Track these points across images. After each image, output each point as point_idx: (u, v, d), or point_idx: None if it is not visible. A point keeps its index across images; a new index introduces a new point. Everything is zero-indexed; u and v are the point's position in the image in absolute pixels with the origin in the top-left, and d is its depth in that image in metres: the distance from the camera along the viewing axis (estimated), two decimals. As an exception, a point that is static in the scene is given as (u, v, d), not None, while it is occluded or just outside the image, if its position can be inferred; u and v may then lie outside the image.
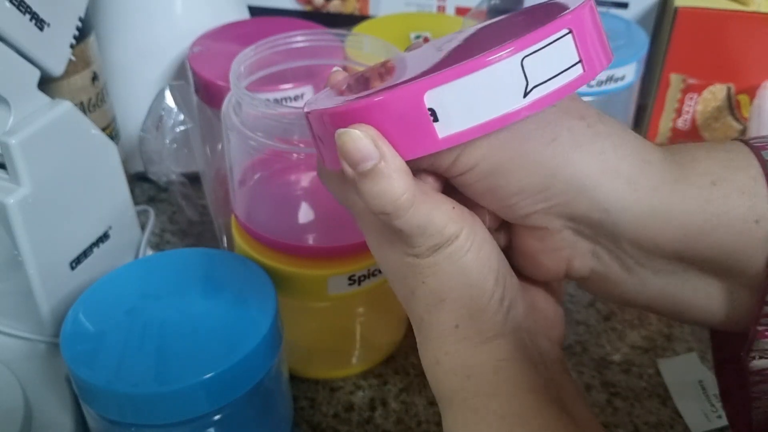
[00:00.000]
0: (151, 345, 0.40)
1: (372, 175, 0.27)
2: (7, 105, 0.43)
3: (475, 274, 0.29)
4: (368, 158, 0.27)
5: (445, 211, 0.29)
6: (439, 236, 0.28)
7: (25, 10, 0.42)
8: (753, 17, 0.64)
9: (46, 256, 0.46)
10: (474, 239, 0.29)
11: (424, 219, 0.28)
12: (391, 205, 0.27)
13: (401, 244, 0.29)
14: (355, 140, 0.27)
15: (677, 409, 0.51)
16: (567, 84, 0.27)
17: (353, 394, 0.52)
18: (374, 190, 0.27)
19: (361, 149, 0.27)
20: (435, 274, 0.29)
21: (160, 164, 0.60)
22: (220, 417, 0.40)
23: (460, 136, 0.26)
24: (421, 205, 0.28)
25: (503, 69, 0.26)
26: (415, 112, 0.26)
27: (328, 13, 0.79)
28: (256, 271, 0.45)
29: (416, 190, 0.28)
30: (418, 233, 0.28)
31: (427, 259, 0.29)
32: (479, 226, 0.30)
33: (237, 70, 0.46)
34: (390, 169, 0.27)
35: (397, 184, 0.27)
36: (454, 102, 0.26)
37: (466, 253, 0.29)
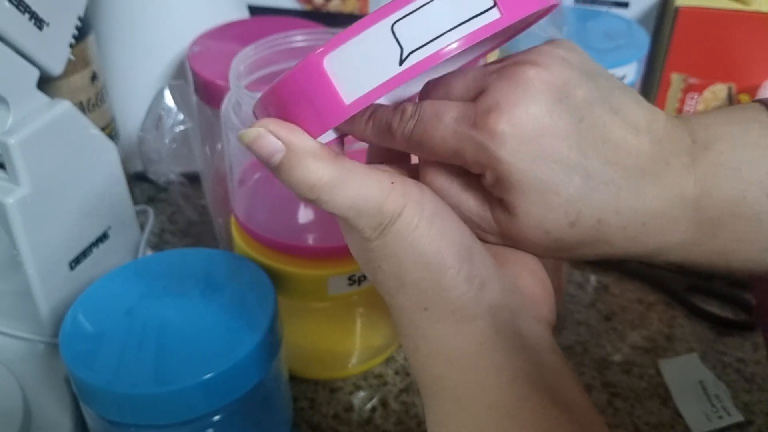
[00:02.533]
0: (151, 345, 0.40)
1: (283, 167, 0.27)
2: (7, 105, 0.43)
3: (430, 251, 0.28)
4: (273, 152, 0.26)
5: (380, 187, 0.27)
6: (379, 215, 0.27)
7: (24, 9, 0.42)
8: (754, 17, 0.64)
9: (45, 256, 0.46)
10: (422, 213, 0.28)
11: (355, 199, 0.27)
12: (311, 191, 0.27)
13: (351, 228, 0.28)
14: (255, 139, 0.27)
15: (678, 409, 0.51)
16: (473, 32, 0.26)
17: (353, 394, 0.52)
18: (291, 180, 0.27)
19: (264, 146, 0.27)
20: (387, 257, 0.28)
21: (160, 164, 0.60)
22: (220, 417, 0.40)
23: (367, 97, 0.26)
24: (347, 185, 0.27)
25: (375, 36, 0.25)
26: (317, 82, 0.26)
27: (327, 13, 0.79)
28: (256, 271, 0.44)
29: (339, 170, 0.27)
30: (354, 215, 0.27)
31: (375, 242, 0.28)
32: (428, 198, 0.28)
33: (237, 69, 0.46)
34: (298, 158, 0.26)
35: (309, 168, 0.26)
36: (351, 65, 0.25)
37: (414, 230, 0.27)
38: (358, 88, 0.26)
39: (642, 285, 0.61)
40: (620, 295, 0.61)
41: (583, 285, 0.62)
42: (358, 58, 0.25)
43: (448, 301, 0.28)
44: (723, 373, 0.53)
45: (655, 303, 0.60)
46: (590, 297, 0.60)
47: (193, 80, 0.60)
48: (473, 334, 0.28)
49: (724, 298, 0.59)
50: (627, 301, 0.60)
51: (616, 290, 0.61)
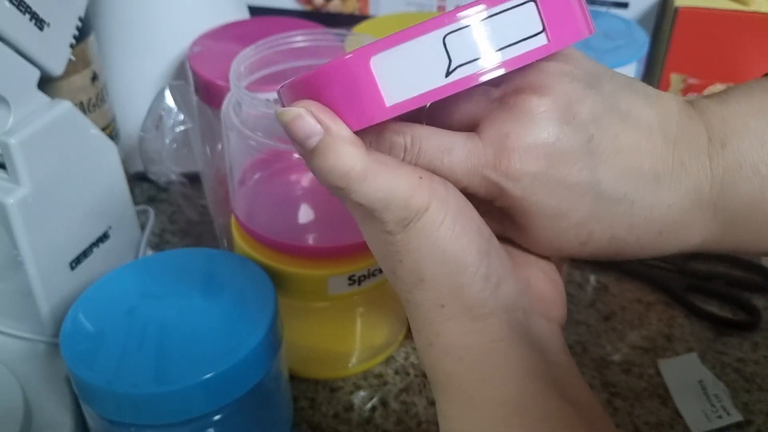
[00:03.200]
0: (151, 345, 0.40)
1: (318, 151, 0.26)
2: (7, 105, 0.43)
3: (452, 249, 0.27)
4: (311, 134, 0.26)
5: (408, 181, 0.27)
6: (406, 209, 0.27)
7: (24, 9, 0.42)
8: (753, 17, 0.64)
9: (45, 256, 0.46)
10: (447, 211, 0.27)
11: (384, 191, 0.27)
12: (342, 179, 0.26)
13: (373, 220, 0.28)
14: (294, 118, 0.26)
15: (677, 409, 0.51)
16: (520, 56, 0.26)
17: (353, 394, 0.52)
18: (323, 166, 0.26)
19: (302, 126, 0.26)
20: (409, 252, 0.28)
21: (160, 164, 0.60)
22: (220, 417, 0.40)
23: (408, 103, 0.26)
24: (378, 176, 0.26)
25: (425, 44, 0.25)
26: (361, 79, 0.25)
27: (328, 13, 0.79)
28: (256, 271, 0.45)
29: (372, 161, 0.26)
30: (381, 207, 0.27)
31: (398, 235, 0.28)
32: (453, 195, 0.28)
33: (237, 69, 0.46)
34: (336, 143, 0.26)
35: (345, 157, 0.26)
36: (397, 69, 0.25)
37: (439, 227, 0.27)
38: (400, 93, 0.26)
39: (642, 285, 0.61)
40: (620, 295, 0.61)
41: (582, 285, 0.62)
42: (406, 63, 0.25)
43: (465, 298, 0.28)
44: (722, 372, 0.54)
45: (655, 303, 0.60)
46: (590, 297, 0.60)
47: (193, 80, 0.60)
48: (487, 332, 0.28)
49: (723, 298, 0.59)
50: (626, 301, 0.60)
51: (615, 290, 0.61)
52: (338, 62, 0.26)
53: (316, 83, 0.26)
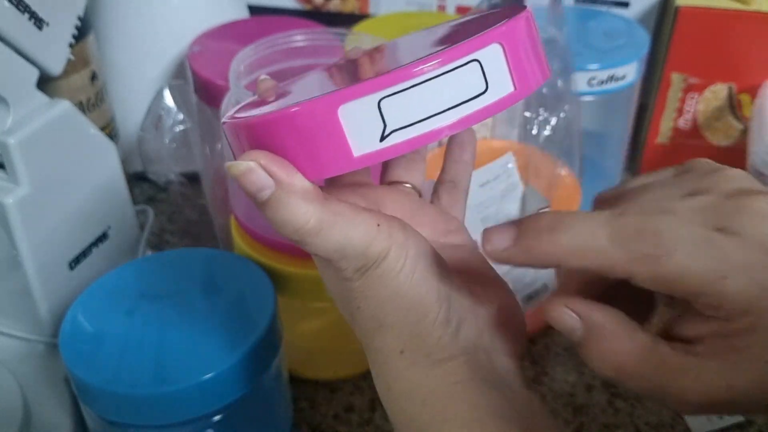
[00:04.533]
0: (150, 345, 0.40)
1: (270, 204, 0.25)
2: (6, 104, 0.43)
3: (411, 296, 0.27)
4: (262, 188, 0.25)
5: (366, 230, 0.26)
6: (363, 258, 0.26)
7: (24, 9, 0.42)
8: (754, 16, 0.64)
9: (44, 256, 0.46)
10: (407, 257, 0.27)
11: (339, 242, 0.26)
12: (296, 233, 0.26)
13: (332, 267, 0.27)
14: (244, 172, 0.25)
15: (678, 409, 0.51)
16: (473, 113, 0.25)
17: (353, 395, 0.52)
18: (276, 219, 0.26)
19: (252, 181, 0.25)
20: (367, 298, 0.27)
21: (160, 164, 0.60)
22: (220, 418, 0.40)
23: (379, 154, 0.25)
24: (334, 228, 0.26)
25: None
26: (328, 127, 0.24)
27: (327, 12, 0.79)
28: (256, 271, 0.44)
29: (327, 213, 0.26)
30: (337, 257, 0.26)
31: (357, 282, 0.27)
32: (413, 241, 0.28)
33: (236, 69, 0.46)
34: (288, 197, 0.25)
35: (298, 211, 0.25)
36: (367, 118, 0.24)
37: (398, 274, 0.27)
38: (370, 143, 0.25)
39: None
40: (620, 295, 0.60)
41: (583, 285, 0.61)
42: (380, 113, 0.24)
43: (425, 344, 0.28)
44: (723, 373, 0.53)
45: (656, 303, 0.60)
46: (590, 297, 0.60)
47: (192, 80, 0.60)
48: (448, 375, 0.28)
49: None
50: (627, 301, 0.60)
51: (616, 290, 0.61)
52: (304, 107, 0.24)
53: (278, 126, 0.25)
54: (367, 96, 0.24)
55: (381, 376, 0.29)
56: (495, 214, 0.49)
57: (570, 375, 0.54)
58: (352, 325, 0.29)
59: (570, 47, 0.57)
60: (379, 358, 0.29)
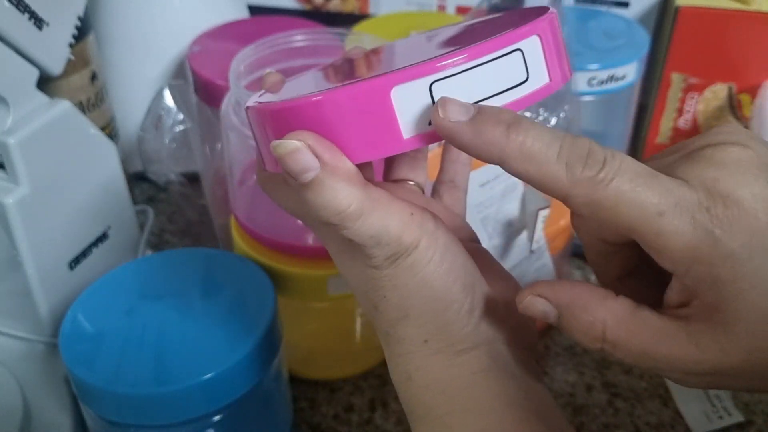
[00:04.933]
0: (150, 345, 0.40)
1: (313, 186, 0.25)
2: (6, 104, 0.43)
3: (438, 286, 0.27)
4: (307, 169, 0.25)
5: (401, 218, 0.26)
6: (396, 246, 0.26)
7: (24, 9, 0.42)
8: (754, 16, 0.64)
9: (44, 256, 0.46)
10: (436, 248, 0.27)
11: (377, 229, 0.26)
12: (337, 217, 0.25)
13: (359, 254, 0.27)
14: (290, 152, 0.25)
15: (678, 409, 0.51)
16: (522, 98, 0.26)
17: (353, 394, 0.52)
18: (318, 201, 0.25)
19: (298, 160, 0.25)
20: (396, 288, 0.27)
21: (160, 164, 0.60)
22: (220, 418, 0.40)
23: (427, 137, 0.25)
24: (372, 213, 0.26)
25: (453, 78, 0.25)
26: (380, 108, 0.24)
27: (327, 12, 0.79)
28: (256, 271, 0.44)
29: (366, 197, 0.26)
30: (371, 243, 0.26)
31: (386, 270, 0.27)
32: (442, 232, 0.28)
33: (236, 69, 0.46)
34: (333, 179, 0.25)
35: (342, 194, 0.25)
36: (418, 101, 0.25)
37: (427, 264, 0.27)
38: (419, 126, 0.25)
39: (642, 285, 0.61)
40: (620, 295, 0.60)
41: (583, 285, 0.61)
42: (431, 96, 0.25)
43: (449, 334, 0.28)
44: (723, 373, 0.53)
45: (656, 303, 0.60)
46: (590, 297, 0.60)
47: (193, 80, 0.60)
48: (469, 365, 0.28)
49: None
50: (627, 301, 0.60)
51: (616, 290, 0.61)
52: (353, 88, 0.24)
53: (324, 108, 0.25)
54: (421, 78, 0.24)
55: (402, 365, 0.29)
56: (495, 214, 0.49)
57: (570, 375, 0.54)
58: (374, 315, 0.29)
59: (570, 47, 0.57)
60: (401, 349, 0.29)
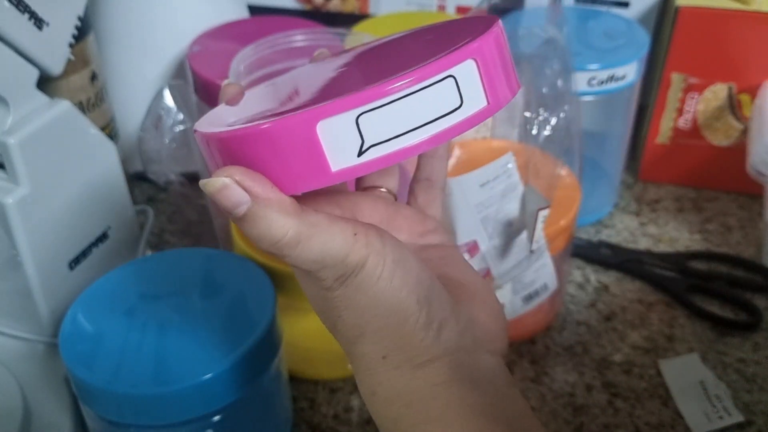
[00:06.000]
0: (150, 345, 0.40)
1: (247, 219, 0.25)
2: (6, 104, 0.43)
3: (391, 302, 0.27)
4: (238, 204, 0.25)
5: (343, 239, 0.26)
6: (342, 267, 0.27)
7: (24, 9, 0.42)
8: (754, 16, 0.64)
9: (44, 256, 0.46)
10: (384, 265, 0.27)
11: (317, 253, 0.26)
12: (274, 247, 0.26)
13: (312, 278, 0.28)
14: (219, 189, 0.25)
15: (678, 409, 0.51)
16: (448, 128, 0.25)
17: (353, 394, 0.52)
18: (254, 233, 0.26)
19: (228, 196, 0.25)
20: (348, 307, 0.28)
21: (160, 164, 0.60)
22: (220, 418, 0.40)
23: (357, 169, 0.25)
24: (312, 239, 0.26)
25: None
26: (306, 143, 0.24)
27: (327, 12, 0.79)
28: (256, 271, 0.44)
29: (303, 224, 0.26)
30: (316, 268, 0.27)
31: (337, 291, 0.27)
32: (390, 247, 0.28)
33: (236, 69, 0.46)
34: (265, 211, 0.25)
35: (276, 225, 0.25)
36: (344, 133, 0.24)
37: (377, 281, 0.27)
38: (348, 158, 0.25)
39: (642, 285, 0.61)
40: (620, 295, 0.60)
41: (583, 285, 0.62)
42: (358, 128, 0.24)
43: (407, 348, 0.28)
44: (723, 373, 0.53)
45: (656, 303, 0.60)
46: (590, 297, 0.60)
47: (192, 80, 0.60)
48: (430, 377, 0.28)
49: (724, 298, 0.59)
50: (627, 301, 0.60)
51: (616, 290, 0.61)
52: (281, 122, 0.24)
53: (253, 141, 0.25)
54: (346, 112, 0.24)
55: (365, 381, 0.29)
56: (495, 214, 0.49)
57: (570, 375, 0.54)
58: (334, 334, 0.30)
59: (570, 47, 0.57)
60: (362, 365, 0.29)
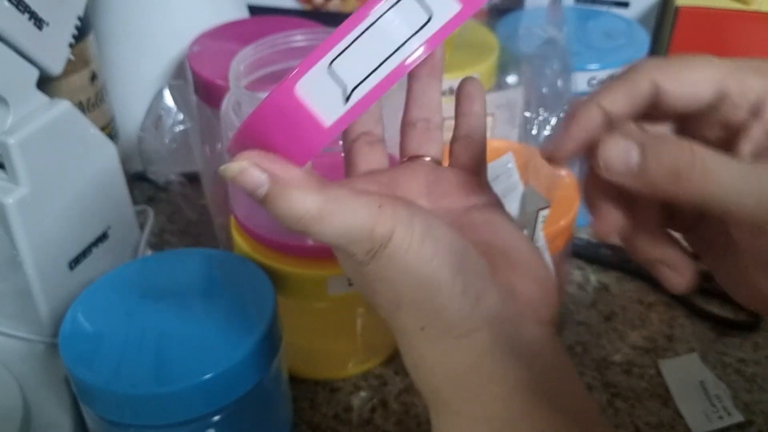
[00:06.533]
0: (150, 345, 0.40)
1: (269, 199, 0.26)
2: (6, 104, 0.43)
3: (423, 272, 0.27)
4: (258, 185, 0.26)
5: (368, 213, 0.26)
6: (369, 240, 0.27)
7: (24, 9, 0.42)
8: (754, 16, 0.64)
9: (44, 256, 0.46)
10: (413, 235, 0.27)
11: (343, 227, 0.26)
12: (298, 224, 0.26)
13: (345, 254, 0.28)
14: (239, 174, 0.26)
15: (678, 409, 0.51)
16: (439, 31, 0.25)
17: (353, 394, 0.52)
18: (277, 213, 0.26)
19: (248, 180, 0.26)
20: (382, 280, 0.28)
21: (160, 164, 0.60)
22: (220, 418, 0.40)
23: (348, 115, 0.25)
24: (335, 214, 0.26)
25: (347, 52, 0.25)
26: (293, 111, 0.25)
27: (327, 12, 0.79)
28: (256, 271, 0.44)
29: (326, 200, 0.26)
30: (344, 243, 0.27)
31: (369, 266, 0.27)
32: (419, 218, 0.27)
33: (236, 69, 0.46)
34: (285, 190, 0.26)
35: (297, 203, 0.26)
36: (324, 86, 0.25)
37: (406, 252, 0.27)
38: (336, 109, 0.25)
39: (642, 285, 0.61)
40: (620, 295, 0.60)
41: (583, 285, 0.62)
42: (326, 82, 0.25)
43: (445, 319, 0.28)
44: (723, 373, 0.53)
45: (656, 303, 0.60)
46: (590, 297, 0.60)
47: (192, 80, 0.60)
48: (470, 349, 0.28)
49: (724, 298, 0.59)
50: (627, 301, 0.60)
51: (616, 290, 0.61)
52: (267, 99, 0.25)
53: (255, 126, 0.26)
54: (316, 65, 0.24)
55: (408, 354, 0.29)
56: (495, 214, 0.49)
57: (570, 375, 0.54)
58: (375, 308, 0.29)
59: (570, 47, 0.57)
60: (403, 338, 0.29)
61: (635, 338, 0.56)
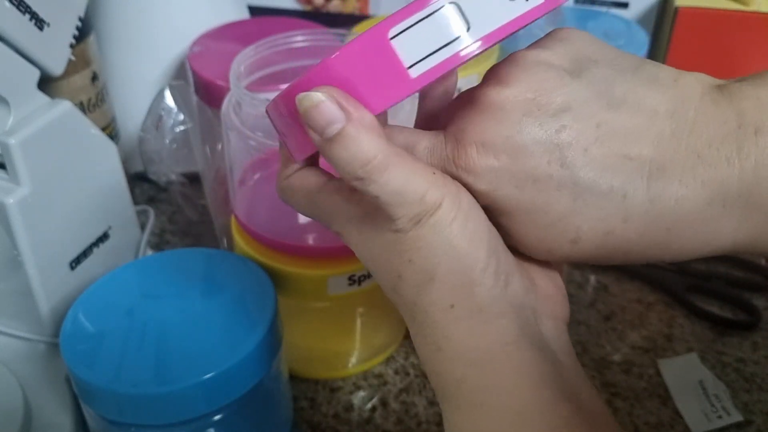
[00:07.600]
0: (151, 345, 0.40)
1: (339, 139, 0.25)
2: (7, 105, 0.43)
3: (464, 246, 0.27)
4: (333, 121, 0.25)
5: (424, 176, 0.26)
6: (420, 204, 0.26)
7: (24, 9, 0.42)
8: (754, 17, 0.64)
9: (45, 256, 0.46)
10: (460, 207, 0.27)
11: (401, 184, 0.26)
12: (363, 170, 0.25)
13: (382, 219, 0.27)
14: (316, 104, 0.25)
15: (677, 409, 0.51)
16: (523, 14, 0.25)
17: (353, 394, 0.52)
18: (344, 155, 0.25)
19: (323, 112, 0.25)
20: (420, 249, 0.27)
21: (160, 164, 0.60)
22: (220, 417, 0.40)
23: (434, 71, 0.25)
24: (397, 168, 0.26)
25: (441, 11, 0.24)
26: (381, 56, 0.25)
27: (328, 13, 0.79)
28: (256, 271, 0.45)
29: (391, 152, 0.26)
30: (396, 201, 0.26)
31: (409, 233, 0.27)
32: (464, 193, 0.27)
33: (237, 69, 0.46)
34: (358, 131, 0.25)
35: (367, 146, 0.25)
36: (416, 39, 0.24)
37: (451, 223, 0.27)
38: (424, 62, 0.25)
39: (641, 285, 0.61)
40: (620, 295, 0.61)
41: (582, 285, 0.62)
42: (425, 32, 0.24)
43: (476, 297, 0.27)
44: (722, 373, 0.54)
45: (655, 303, 0.60)
46: (590, 297, 0.60)
47: (193, 80, 0.60)
48: (498, 334, 0.27)
49: (723, 298, 0.59)
50: (626, 301, 0.60)
51: (615, 290, 0.61)
52: (355, 41, 0.25)
53: (333, 67, 0.25)
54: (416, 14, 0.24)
55: (430, 337, 0.28)
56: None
57: (569, 375, 0.54)
58: (397, 285, 0.28)
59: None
60: (427, 317, 0.28)
61: (634, 338, 0.56)
